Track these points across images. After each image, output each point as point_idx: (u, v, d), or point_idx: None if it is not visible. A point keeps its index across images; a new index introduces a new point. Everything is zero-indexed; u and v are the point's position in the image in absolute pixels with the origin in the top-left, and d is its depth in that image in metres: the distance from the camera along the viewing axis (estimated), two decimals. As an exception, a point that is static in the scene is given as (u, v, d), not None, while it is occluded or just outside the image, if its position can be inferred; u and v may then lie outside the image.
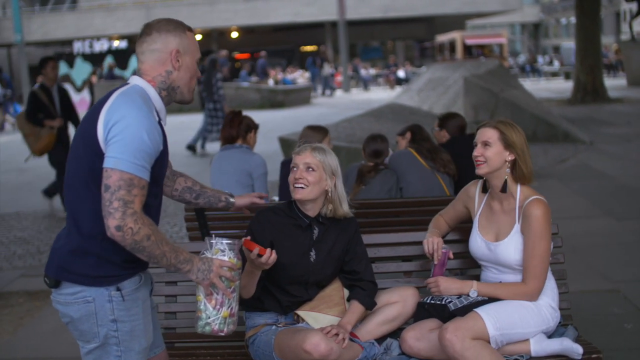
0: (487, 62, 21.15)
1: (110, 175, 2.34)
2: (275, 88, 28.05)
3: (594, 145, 12.68)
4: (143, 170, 2.38)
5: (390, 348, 3.35)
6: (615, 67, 36.32)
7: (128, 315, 2.53)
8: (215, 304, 2.61)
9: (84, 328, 2.52)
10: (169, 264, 2.47)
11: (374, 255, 3.69)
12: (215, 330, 2.63)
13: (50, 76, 8.75)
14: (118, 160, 2.34)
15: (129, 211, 2.34)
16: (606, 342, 4.23)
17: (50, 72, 8.75)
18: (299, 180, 3.26)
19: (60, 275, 2.51)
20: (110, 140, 2.37)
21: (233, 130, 5.49)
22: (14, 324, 5.38)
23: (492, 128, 3.34)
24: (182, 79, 2.60)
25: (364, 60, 42.89)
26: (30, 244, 7.80)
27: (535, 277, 3.25)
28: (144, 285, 2.63)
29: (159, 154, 2.47)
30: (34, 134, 8.65)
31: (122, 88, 2.52)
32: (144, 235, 2.37)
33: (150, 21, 2.62)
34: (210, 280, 2.54)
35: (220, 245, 2.63)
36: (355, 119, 11.49)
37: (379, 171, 5.20)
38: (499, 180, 3.34)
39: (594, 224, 7.37)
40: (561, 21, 60.98)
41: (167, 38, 2.56)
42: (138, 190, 2.37)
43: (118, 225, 2.33)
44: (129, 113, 2.39)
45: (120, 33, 37.00)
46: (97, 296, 2.49)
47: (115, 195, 2.33)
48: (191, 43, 2.61)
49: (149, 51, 2.56)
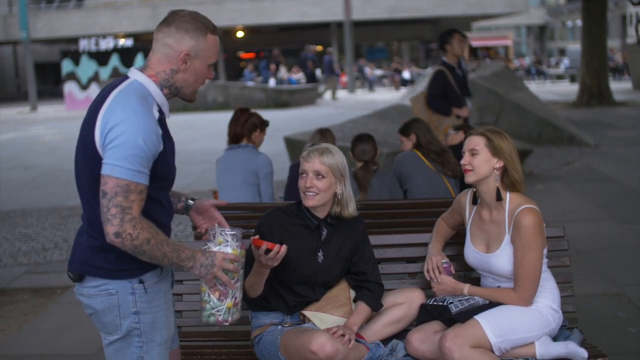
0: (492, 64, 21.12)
1: (107, 182, 2.34)
2: (281, 88, 28.06)
3: (599, 148, 12.67)
4: (139, 175, 2.37)
5: (396, 349, 3.36)
6: (621, 70, 36.26)
7: (150, 307, 2.54)
8: (219, 295, 2.62)
9: (107, 320, 2.53)
10: (171, 263, 2.47)
11: (380, 257, 3.69)
12: (219, 320, 2.65)
13: (456, 52, 7.47)
14: (113, 167, 2.33)
15: (127, 217, 2.34)
16: (611, 346, 4.23)
17: (457, 46, 7.47)
18: (309, 188, 3.26)
19: (83, 270, 2.52)
20: (107, 146, 2.36)
21: (238, 129, 5.48)
22: (18, 321, 5.39)
23: (478, 136, 3.35)
24: (186, 81, 2.56)
25: (369, 61, 42.88)
26: (35, 240, 7.81)
27: (524, 286, 3.25)
28: (165, 277, 2.64)
29: (158, 155, 2.44)
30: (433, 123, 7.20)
31: (120, 86, 2.48)
32: (144, 239, 2.37)
33: (179, 11, 2.55)
34: (213, 274, 2.55)
35: (224, 236, 2.63)
36: (361, 120, 11.48)
37: (373, 173, 5.16)
38: (488, 188, 3.34)
39: (599, 227, 7.36)
40: (567, 24, 60.89)
41: (182, 38, 2.50)
42: (135, 196, 2.36)
43: (117, 232, 2.33)
44: (126, 117, 2.36)
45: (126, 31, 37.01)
46: (120, 289, 2.50)
47: (112, 202, 2.33)
48: (209, 48, 2.54)
49: (162, 43, 2.52)
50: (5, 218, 9.12)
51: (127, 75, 2.56)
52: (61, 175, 11.81)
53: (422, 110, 7.35)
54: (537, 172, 10.45)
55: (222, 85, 27.15)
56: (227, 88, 26.28)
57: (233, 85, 28.05)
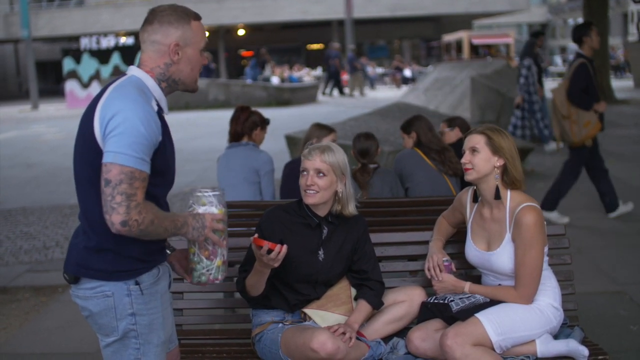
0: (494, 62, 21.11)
1: (110, 170, 2.32)
2: (282, 86, 28.04)
3: (601, 147, 12.61)
4: (143, 163, 2.36)
5: (397, 347, 3.36)
6: (623, 68, 36.22)
7: (147, 309, 2.54)
8: (208, 255, 2.65)
9: (103, 322, 2.53)
10: (170, 234, 2.50)
11: (380, 254, 3.69)
12: (211, 279, 2.68)
13: (595, 45, 7.24)
14: (117, 154, 2.32)
15: (133, 204, 2.33)
16: (612, 344, 4.23)
17: (595, 40, 7.25)
18: (310, 186, 3.27)
19: (79, 272, 2.51)
20: (107, 136, 2.35)
21: (238, 127, 5.47)
22: (19, 319, 5.39)
23: (479, 134, 3.34)
24: (182, 72, 2.57)
25: (370, 59, 42.87)
26: (37, 239, 7.82)
27: (524, 285, 3.25)
28: (162, 278, 2.64)
29: (157, 145, 2.44)
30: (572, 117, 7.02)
31: (117, 81, 2.49)
32: (149, 221, 2.37)
33: (157, 7, 2.56)
34: (205, 235, 2.56)
35: (208, 197, 2.64)
36: (362, 118, 11.46)
37: (373, 172, 5.15)
38: (488, 186, 3.33)
39: (600, 225, 7.36)
40: (568, 22, 60.80)
41: (168, 30, 2.51)
42: (139, 183, 2.35)
43: (123, 221, 2.32)
44: (124, 106, 2.36)
45: (128, 29, 37.03)
46: (116, 290, 2.49)
47: (117, 189, 2.31)
48: (195, 34, 2.56)
49: (149, 41, 2.53)
50: (7, 216, 9.12)
51: (124, 72, 2.58)
52: (62, 174, 11.80)
53: (563, 102, 7.22)
54: (539, 171, 10.44)
55: (223, 83, 27.14)
56: (228, 86, 26.26)
57: (234, 83, 28.03)
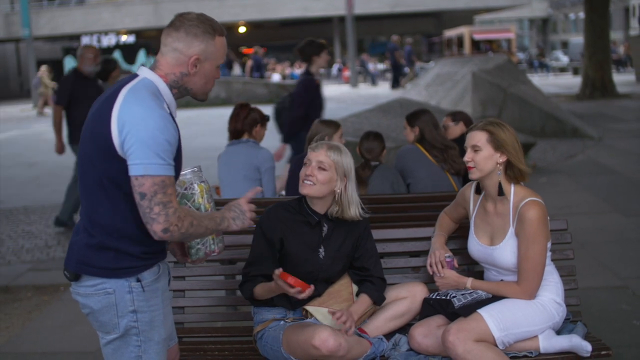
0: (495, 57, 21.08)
1: (143, 183, 2.35)
2: (284, 83, 28.03)
3: (603, 141, 12.63)
4: (170, 168, 2.40)
5: (399, 344, 3.35)
6: (624, 62, 36.16)
7: (148, 306, 2.54)
8: None
9: (104, 319, 2.53)
10: (210, 232, 2.57)
11: (382, 251, 3.68)
12: (207, 252, 2.72)
13: None
14: (147, 165, 2.34)
15: (170, 211, 2.37)
16: (615, 339, 4.22)
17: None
18: (309, 177, 3.25)
19: (80, 269, 2.51)
20: (129, 145, 2.36)
21: (238, 124, 5.47)
22: (22, 318, 5.39)
23: (480, 130, 3.31)
24: (196, 84, 2.59)
25: (371, 55, 42.83)
26: (38, 238, 7.82)
27: (527, 279, 3.24)
28: (163, 275, 2.65)
29: (178, 142, 2.47)
30: None
31: (130, 83, 2.48)
32: (188, 224, 2.42)
33: (186, 14, 2.57)
34: (251, 218, 2.66)
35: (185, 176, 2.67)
36: (364, 114, 11.43)
37: (374, 168, 5.13)
38: (492, 182, 3.32)
39: (603, 220, 7.35)
40: (570, 16, 60.75)
41: (192, 42, 2.51)
42: (171, 189, 2.40)
43: (165, 229, 2.37)
44: (143, 114, 2.37)
45: (128, 28, 37.07)
46: (117, 288, 2.50)
47: (153, 201, 2.35)
48: (217, 50, 2.57)
49: (171, 47, 2.53)
50: (9, 215, 9.13)
51: (136, 73, 2.57)
52: (64, 173, 11.74)
53: None
54: (541, 166, 10.43)
55: (224, 80, 27.11)
56: (229, 83, 26.25)
57: (235, 80, 28.02)
